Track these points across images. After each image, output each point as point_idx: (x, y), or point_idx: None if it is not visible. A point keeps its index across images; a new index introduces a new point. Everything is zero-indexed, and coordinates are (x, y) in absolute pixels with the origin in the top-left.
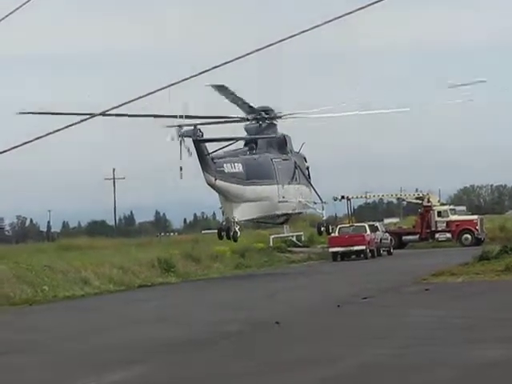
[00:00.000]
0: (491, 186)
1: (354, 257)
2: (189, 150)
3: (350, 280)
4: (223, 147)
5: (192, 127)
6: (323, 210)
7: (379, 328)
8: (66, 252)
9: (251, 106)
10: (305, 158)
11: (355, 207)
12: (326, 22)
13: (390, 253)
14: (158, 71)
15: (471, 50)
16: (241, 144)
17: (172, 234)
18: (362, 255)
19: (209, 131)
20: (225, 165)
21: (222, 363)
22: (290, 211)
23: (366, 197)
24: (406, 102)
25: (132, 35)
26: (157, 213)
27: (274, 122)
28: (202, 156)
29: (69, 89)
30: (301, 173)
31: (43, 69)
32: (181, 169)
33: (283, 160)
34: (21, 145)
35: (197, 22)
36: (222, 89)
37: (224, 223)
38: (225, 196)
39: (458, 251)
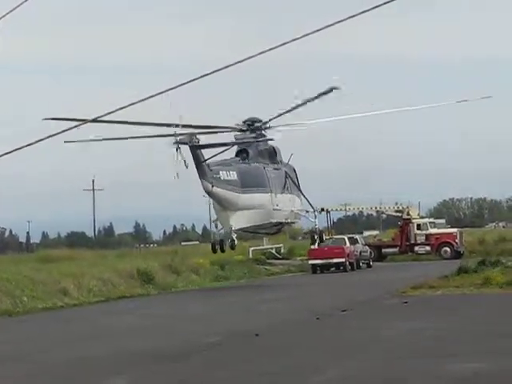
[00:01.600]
0: (471, 199)
1: (333, 269)
2: (185, 162)
3: (329, 292)
4: (215, 155)
5: (188, 134)
6: (316, 218)
7: (357, 341)
8: (45, 263)
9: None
10: (294, 170)
11: (335, 220)
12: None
13: (369, 265)
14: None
15: None
16: (232, 154)
17: (151, 245)
18: (342, 268)
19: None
20: (221, 172)
21: (201, 374)
22: (283, 220)
23: (345, 209)
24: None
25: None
26: (136, 224)
27: (264, 132)
28: (199, 162)
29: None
30: (292, 182)
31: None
32: (177, 175)
33: (274, 169)
34: (13, 150)
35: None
36: None
37: (216, 237)
38: (221, 204)
39: (437, 264)
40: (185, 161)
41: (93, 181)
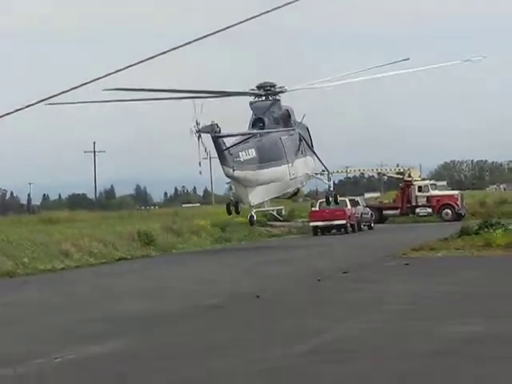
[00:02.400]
0: (472, 161)
1: (334, 231)
2: (206, 150)
3: (330, 254)
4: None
5: (209, 123)
6: (330, 180)
7: (359, 302)
8: (46, 225)
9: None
10: (307, 129)
11: (336, 182)
12: None
13: (370, 227)
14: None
15: None
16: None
17: (152, 207)
18: (343, 229)
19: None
20: (240, 153)
21: (200, 336)
22: (299, 185)
23: (346, 171)
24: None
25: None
26: (137, 186)
27: (277, 96)
28: (220, 150)
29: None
30: (305, 144)
31: None
32: (200, 164)
33: (289, 135)
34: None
35: None
36: None
37: (232, 198)
38: (241, 183)
39: (438, 226)
40: (205, 148)
41: (94, 143)
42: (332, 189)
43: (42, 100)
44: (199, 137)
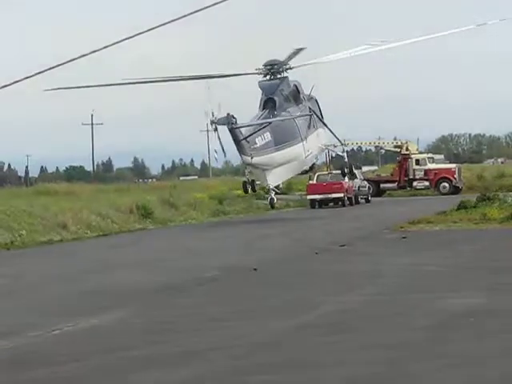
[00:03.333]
0: (469, 135)
1: (331, 204)
2: (220, 141)
3: (327, 227)
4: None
5: (225, 115)
6: (344, 152)
7: (356, 275)
8: (44, 197)
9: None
10: (316, 101)
11: (333, 155)
12: None
13: (367, 200)
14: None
15: None
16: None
17: (150, 180)
18: (340, 203)
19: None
20: (257, 139)
21: (199, 308)
22: (314, 160)
23: (344, 144)
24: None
25: None
26: (135, 159)
27: (285, 73)
28: (237, 141)
29: None
30: (316, 117)
31: None
32: (216, 152)
33: (301, 112)
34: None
35: None
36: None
37: (248, 176)
38: (259, 168)
39: (435, 199)
40: (219, 139)
41: (91, 115)
42: (346, 160)
43: (40, 72)
44: (215, 129)
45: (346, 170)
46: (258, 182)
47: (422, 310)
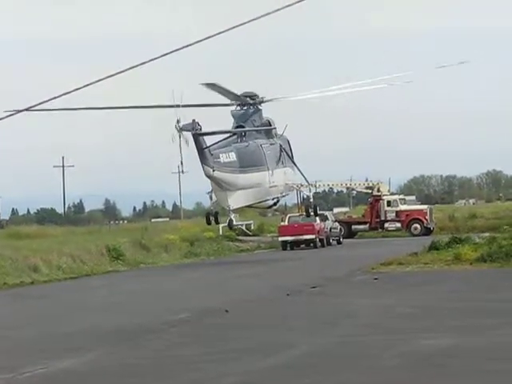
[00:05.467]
0: (441, 176)
1: (303, 246)
2: (186, 142)
3: (299, 269)
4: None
5: (191, 121)
6: (310, 192)
7: (328, 316)
8: (15, 240)
9: (238, 96)
10: (288, 141)
11: (304, 196)
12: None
13: (339, 242)
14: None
15: None
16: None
17: (122, 222)
18: (312, 244)
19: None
20: (220, 155)
21: (170, 351)
22: (279, 195)
23: (315, 186)
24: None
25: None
26: (106, 201)
27: (259, 106)
28: (201, 149)
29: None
30: (286, 155)
31: None
32: (181, 163)
33: (270, 145)
34: None
35: None
36: (213, 86)
37: (212, 208)
38: (220, 186)
39: (407, 241)
40: (186, 140)
41: (63, 157)
42: (312, 200)
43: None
44: (180, 135)
45: (310, 211)
46: (214, 200)
47: (393, 351)
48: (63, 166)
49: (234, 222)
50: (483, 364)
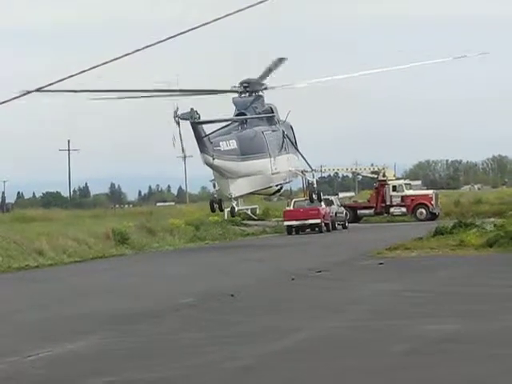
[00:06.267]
0: (447, 161)
1: (308, 230)
2: (179, 134)
3: (304, 253)
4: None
5: (189, 110)
6: (314, 177)
7: (333, 301)
8: (20, 223)
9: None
10: (291, 127)
11: (309, 182)
12: None
13: (344, 227)
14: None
15: None
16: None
17: (127, 206)
18: (317, 229)
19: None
20: (221, 143)
21: (173, 335)
22: (282, 181)
23: (321, 171)
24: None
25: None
26: (112, 185)
27: (261, 93)
28: (200, 137)
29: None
30: (289, 142)
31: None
32: (183, 150)
33: (272, 131)
34: None
35: None
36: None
37: (216, 196)
38: (221, 174)
39: (412, 226)
40: (179, 133)
41: (68, 141)
42: (315, 186)
43: (24, 94)
44: (178, 123)
45: (314, 196)
46: (217, 188)
47: (398, 336)
48: (69, 150)
49: (236, 210)
50: (489, 349)
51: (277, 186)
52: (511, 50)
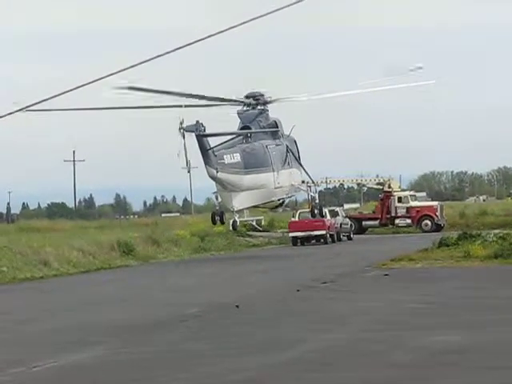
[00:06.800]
0: (452, 172)
1: (313, 242)
2: (184, 147)
3: (309, 265)
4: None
5: (194, 122)
6: (316, 192)
7: (338, 312)
8: (25, 234)
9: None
10: (295, 141)
11: (311, 196)
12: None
13: (350, 238)
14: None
15: None
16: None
17: (132, 216)
18: (322, 240)
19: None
20: (225, 156)
21: (178, 345)
22: (285, 196)
23: (326, 182)
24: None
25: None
26: (117, 196)
27: (266, 107)
28: (205, 150)
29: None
30: (292, 156)
31: None
32: (187, 163)
33: (276, 145)
34: None
35: None
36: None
37: (218, 208)
38: (225, 187)
39: (417, 237)
40: (184, 145)
41: (73, 152)
42: (317, 201)
43: (22, 108)
44: (183, 135)
45: (315, 211)
46: (220, 201)
47: (402, 347)
48: (74, 161)
49: (238, 223)
50: (493, 361)
51: (279, 200)
52: (509, 59)
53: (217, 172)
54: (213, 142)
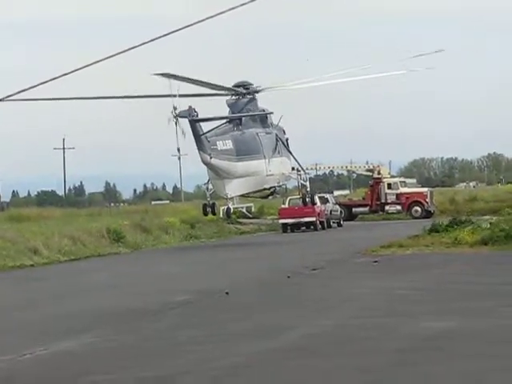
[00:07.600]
0: (442, 158)
1: (303, 228)
2: (183, 132)
3: (299, 251)
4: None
5: (187, 108)
6: (306, 181)
7: (328, 299)
8: (15, 222)
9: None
10: (284, 131)
11: (301, 184)
12: None
13: (340, 225)
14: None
15: None
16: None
17: (122, 204)
18: (312, 227)
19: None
20: (217, 142)
21: (168, 332)
22: (276, 184)
23: (316, 168)
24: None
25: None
26: (107, 183)
27: (254, 96)
28: (198, 135)
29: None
30: (282, 145)
31: None
32: (178, 150)
33: (267, 134)
34: None
35: None
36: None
37: (209, 199)
38: (218, 174)
39: (407, 223)
40: (182, 130)
41: (63, 139)
42: (308, 189)
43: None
44: (176, 122)
45: (307, 199)
46: (211, 188)
47: (393, 334)
48: (64, 148)
49: (232, 211)
50: (483, 347)
51: (270, 188)
52: (505, 48)
53: (210, 158)
54: (204, 128)
